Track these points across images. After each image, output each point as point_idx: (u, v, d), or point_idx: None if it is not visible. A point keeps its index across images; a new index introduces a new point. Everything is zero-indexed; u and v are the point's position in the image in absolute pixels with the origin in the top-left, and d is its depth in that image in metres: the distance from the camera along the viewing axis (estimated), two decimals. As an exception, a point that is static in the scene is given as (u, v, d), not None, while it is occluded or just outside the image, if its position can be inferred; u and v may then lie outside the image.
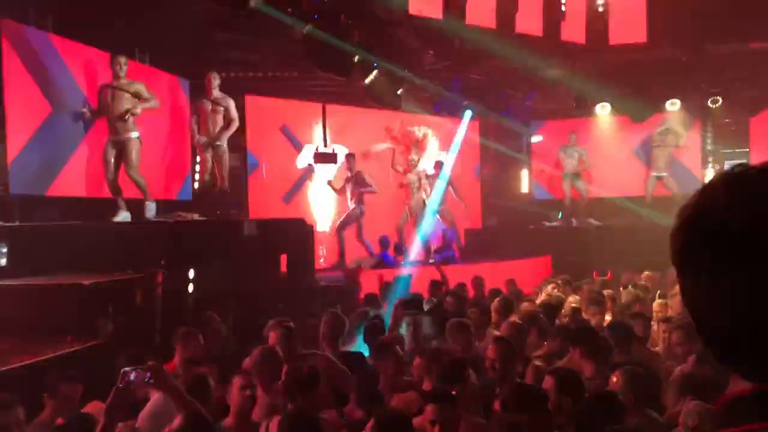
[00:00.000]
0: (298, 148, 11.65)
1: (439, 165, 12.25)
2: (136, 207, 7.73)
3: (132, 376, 2.88)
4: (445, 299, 7.09)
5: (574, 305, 6.90)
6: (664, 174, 12.89)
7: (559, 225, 13.44)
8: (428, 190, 12.04)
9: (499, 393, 3.51)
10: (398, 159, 12.01)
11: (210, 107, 8.87)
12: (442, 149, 13.47)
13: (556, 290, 8.01)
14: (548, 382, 3.49)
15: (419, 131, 12.88)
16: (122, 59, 7.57)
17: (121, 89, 7.55)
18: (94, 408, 3.63)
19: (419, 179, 11.86)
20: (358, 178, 10.84)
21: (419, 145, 12.68)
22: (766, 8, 9.79)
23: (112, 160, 7.57)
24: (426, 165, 12.41)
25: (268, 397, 3.84)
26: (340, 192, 11.04)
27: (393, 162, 11.94)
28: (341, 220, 10.97)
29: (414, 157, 12.01)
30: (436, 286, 8.24)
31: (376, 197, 11.13)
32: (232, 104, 8.97)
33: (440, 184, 12.06)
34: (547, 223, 13.68)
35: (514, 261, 11.16)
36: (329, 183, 11.13)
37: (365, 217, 10.89)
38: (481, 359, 4.37)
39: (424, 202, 11.84)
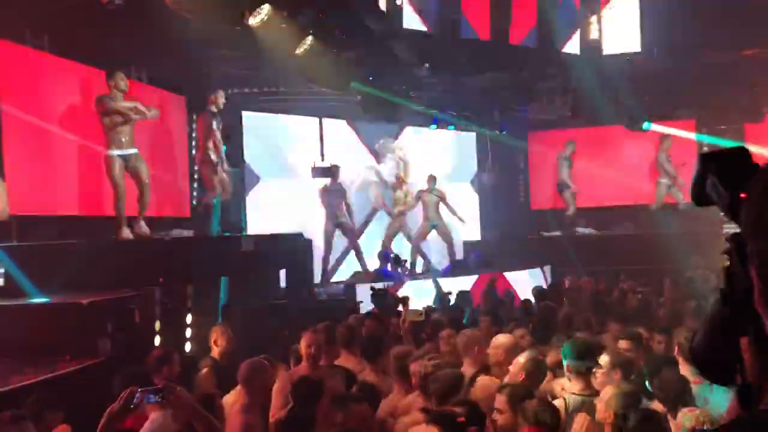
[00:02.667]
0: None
1: (431, 179, 12.21)
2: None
3: (146, 397, 2.73)
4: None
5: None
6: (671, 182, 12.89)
7: (559, 235, 13.40)
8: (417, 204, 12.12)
9: None
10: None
11: (216, 125, 8.90)
12: (435, 163, 13.47)
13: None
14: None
15: (400, 150, 12.76)
16: (122, 74, 7.37)
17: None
18: None
19: (406, 195, 11.91)
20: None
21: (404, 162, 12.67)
22: (758, 16, 9.86)
23: (119, 172, 7.27)
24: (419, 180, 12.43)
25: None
26: None
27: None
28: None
29: (401, 173, 12.07)
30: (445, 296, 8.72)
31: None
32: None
33: (433, 199, 12.03)
34: (545, 233, 13.64)
35: (515, 272, 11.14)
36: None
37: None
38: None
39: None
